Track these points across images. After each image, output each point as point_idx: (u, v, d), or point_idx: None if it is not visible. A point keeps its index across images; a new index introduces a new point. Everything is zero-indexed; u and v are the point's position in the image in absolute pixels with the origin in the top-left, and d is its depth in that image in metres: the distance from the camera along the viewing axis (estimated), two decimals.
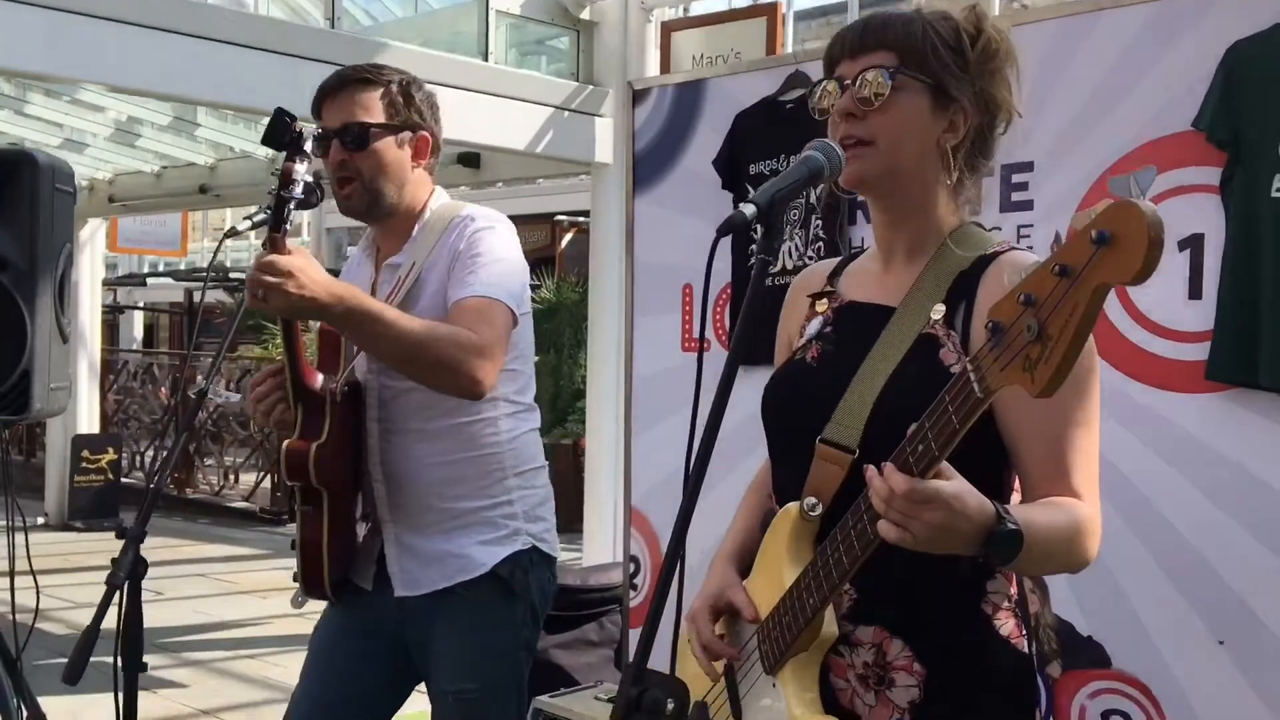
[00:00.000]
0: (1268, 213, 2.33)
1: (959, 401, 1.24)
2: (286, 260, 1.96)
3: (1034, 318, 1.13)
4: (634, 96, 3.51)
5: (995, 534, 1.29)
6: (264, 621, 6.94)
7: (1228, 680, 2.40)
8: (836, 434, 1.49)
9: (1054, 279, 1.11)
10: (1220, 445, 2.42)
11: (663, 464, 3.43)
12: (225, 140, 8.46)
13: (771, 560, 1.55)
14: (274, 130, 2.04)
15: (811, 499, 1.50)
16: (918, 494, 1.26)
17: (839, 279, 1.69)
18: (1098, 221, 1.08)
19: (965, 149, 1.55)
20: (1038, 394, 1.15)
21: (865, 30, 1.54)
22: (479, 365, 2.09)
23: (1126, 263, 1.06)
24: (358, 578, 2.34)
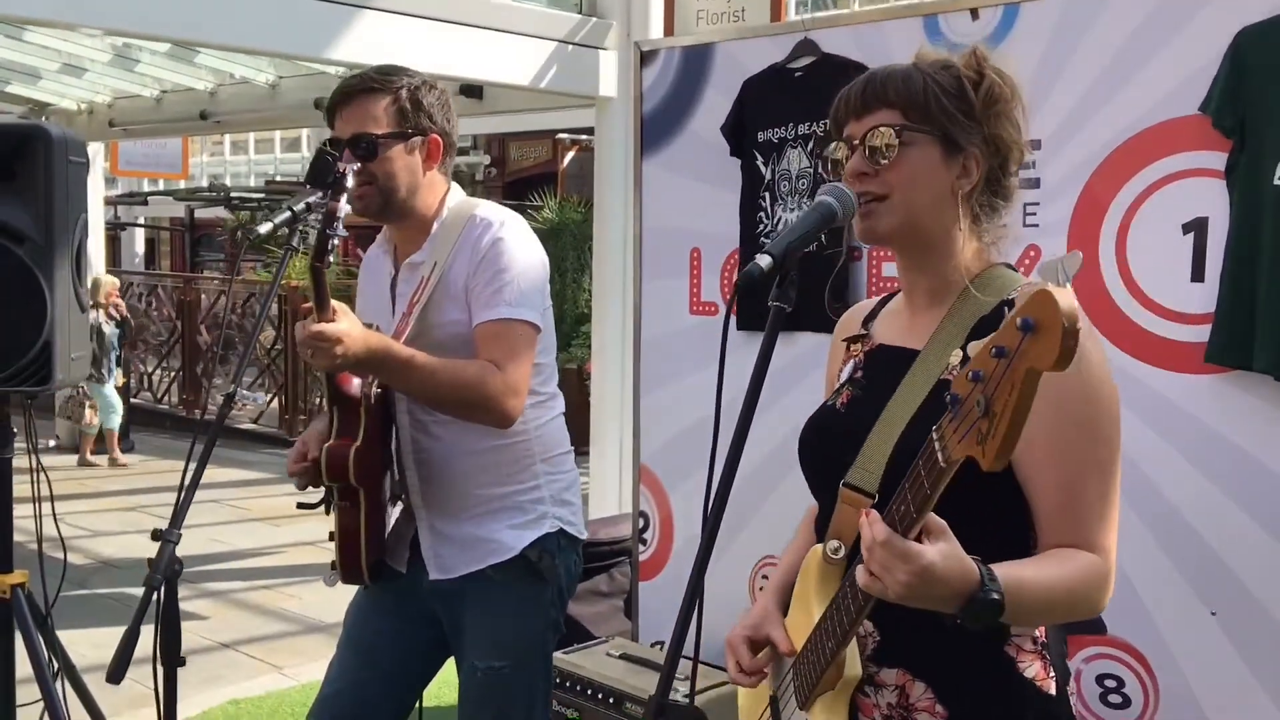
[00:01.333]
0: (1270, 200, 2.36)
1: (929, 469, 1.28)
2: (333, 329, 2.05)
3: (982, 394, 1.17)
4: (641, 58, 3.50)
5: (974, 600, 1.30)
6: (278, 550, 7.10)
7: (1219, 649, 2.50)
8: (858, 478, 1.53)
9: (993, 360, 1.16)
10: (1217, 425, 2.49)
11: (671, 423, 3.51)
12: (225, 66, 8.38)
13: (803, 598, 1.62)
14: (317, 169, 2.10)
15: (835, 542, 1.54)
16: (893, 547, 1.28)
17: (873, 322, 1.73)
18: (1023, 309, 1.12)
19: (980, 193, 1.56)
20: (988, 468, 1.18)
21: (867, 89, 1.55)
22: (506, 403, 2.21)
23: (1048, 350, 1.10)
24: (393, 560, 2.44)
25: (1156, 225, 2.56)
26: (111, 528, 7.58)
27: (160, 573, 1.92)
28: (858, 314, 1.79)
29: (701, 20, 5.93)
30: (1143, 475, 2.54)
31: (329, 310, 2.07)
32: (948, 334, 1.55)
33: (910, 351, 1.58)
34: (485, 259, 2.25)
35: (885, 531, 1.29)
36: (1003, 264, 1.61)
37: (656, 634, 3.57)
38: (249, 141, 19.12)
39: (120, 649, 1.86)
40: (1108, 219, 2.63)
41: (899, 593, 1.30)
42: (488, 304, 2.24)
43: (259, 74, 8.44)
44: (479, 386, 2.19)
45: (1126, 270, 2.61)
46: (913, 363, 1.56)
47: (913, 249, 1.59)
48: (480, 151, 17.59)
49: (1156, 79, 2.54)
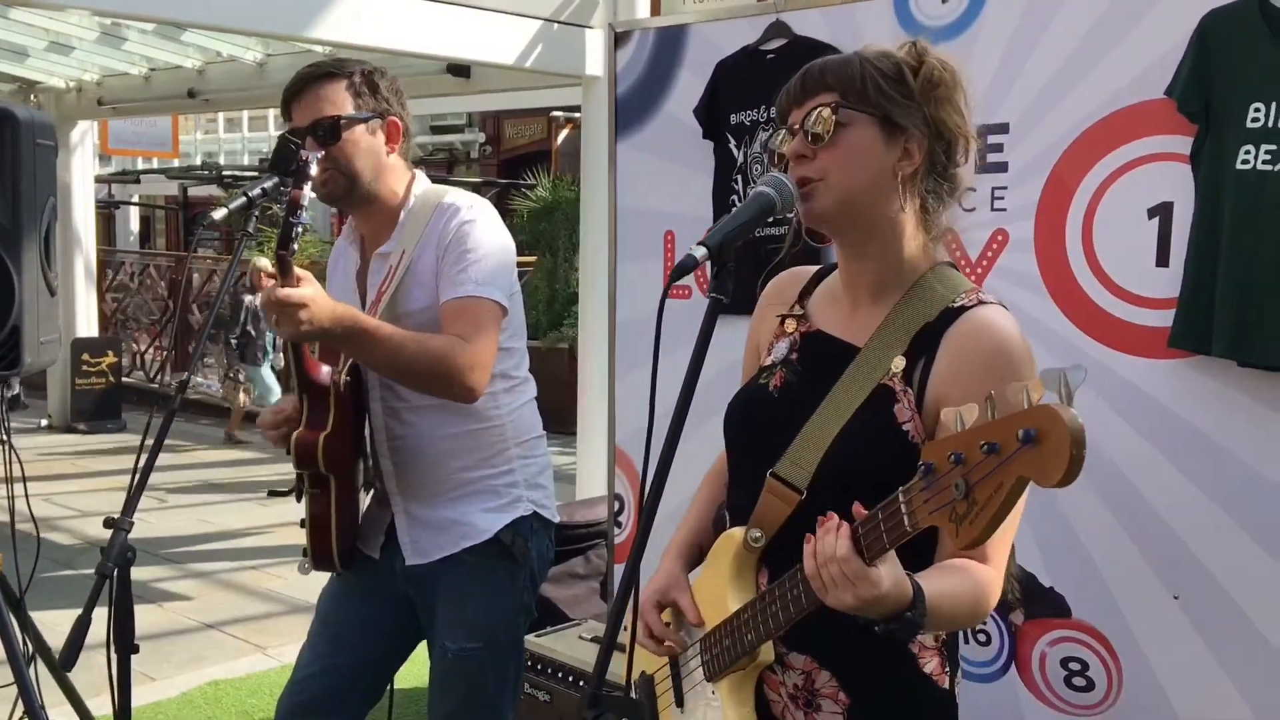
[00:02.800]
0: (1231, 184, 2.35)
1: (890, 525, 1.30)
2: (298, 293, 2.04)
3: (963, 478, 1.18)
4: (616, 39, 3.49)
5: (899, 618, 1.34)
6: (265, 530, 7.11)
7: (1181, 633, 2.51)
8: (787, 471, 1.54)
9: (982, 454, 1.15)
10: (1181, 410, 2.49)
11: (645, 406, 3.50)
12: (212, 44, 8.35)
13: (715, 579, 1.63)
14: (280, 157, 2.09)
15: (756, 531, 1.57)
16: (851, 568, 1.31)
17: (809, 299, 1.71)
18: (1026, 418, 1.11)
19: (923, 176, 1.55)
20: (961, 547, 1.23)
21: (805, 77, 1.56)
22: (471, 375, 2.20)
23: (1049, 467, 1.09)
24: (366, 547, 2.45)
25: (1122, 210, 2.55)
26: (100, 508, 7.56)
27: (112, 560, 1.92)
28: (790, 285, 1.76)
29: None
30: (1107, 460, 2.55)
31: (293, 278, 2.06)
32: (890, 336, 1.55)
33: (850, 347, 1.58)
34: (453, 240, 2.26)
35: (848, 549, 1.32)
36: (946, 263, 1.61)
37: None
38: (243, 119, 19.06)
39: (71, 635, 1.87)
40: (1074, 203, 2.62)
41: (838, 606, 1.34)
42: (454, 281, 2.24)
43: (246, 52, 8.42)
44: (445, 358, 2.17)
45: (1092, 255, 2.61)
46: (851, 359, 1.56)
47: (853, 234, 1.58)
48: (475, 129, 17.54)
49: (1123, 63, 2.53)
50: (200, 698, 4.42)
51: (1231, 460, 2.43)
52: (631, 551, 1.45)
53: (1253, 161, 2.31)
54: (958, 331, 1.50)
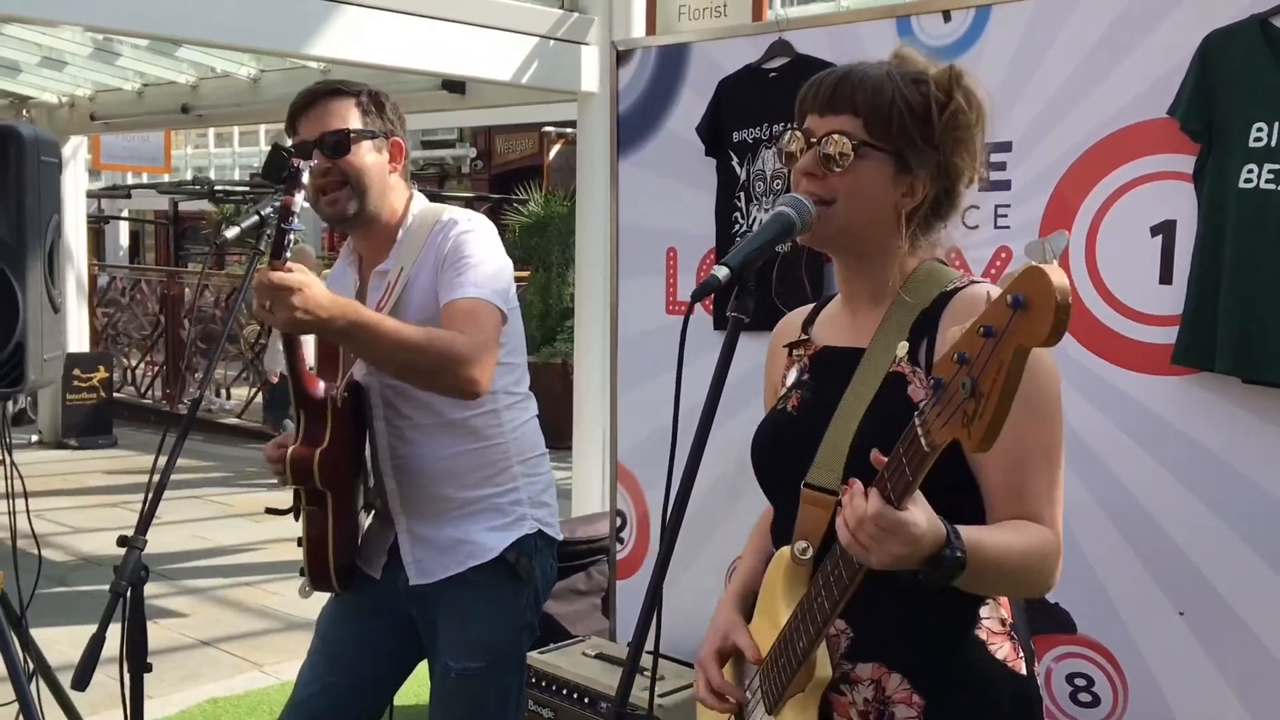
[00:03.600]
0: (1234, 203, 2.38)
1: (911, 454, 1.29)
2: (294, 277, 2.02)
3: (968, 375, 1.18)
4: (618, 57, 3.50)
5: (939, 558, 1.33)
6: (260, 546, 7.08)
7: (1186, 648, 2.52)
8: (819, 477, 1.55)
9: (980, 339, 1.16)
10: (1184, 426, 2.51)
11: (647, 422, 3.52)
12: (206, 60, 8.35)
13: (770, 602, 1.63)
14: (272, 165, 2.09)
15: (802, 543, 1.56)
16: (886, 519, 1.30)
17: (813, 327, 1.74)
18: (1013, 286, 1.14)
19: (921, 213, 1.57)
20: (974, 449, 1.19)
21: (837, 88, 1.55)
22: (474, 367, 2.16)
23: (1038, 327, 1.11)
24: (367, 566, 2.44)
25: (1125, 227, 2.58)
26: (93, 524, 7.55)
27: (126, 578, 1.92)
28: (794, 319, 1.79)
29: (683, 16, 5.92)
30: (1111, 476, 2.56)
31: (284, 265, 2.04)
32: (891, 329, 1.57)
33: (855, 350, 1.60)
34: (451, 249, 2.26)
35: (878, 502, 1.31)
36: (933, 259, 1.63)
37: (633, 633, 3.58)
38: (233, 134, 19.05)
39: (85, 655, 1.86)
40: (1077, 221, 2.64)
41: (886, 562, 1.32)
42: (452, 285, 2.23)
43: (240, 68, 8.41)
44: (449, 349, 2.14)
45: (1096, 272, 2.63)
46: (859, 361, 1.58)
47: (849, 256, 1.62)
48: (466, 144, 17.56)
49: (1125, 82, 2.56)
50: (200, 715, 4.40)
51: (1235, 476, 2.45)
52: (656, 566, 1.45)
53: (1256, 181, 2.34)
54: (954, 307, 1.53)
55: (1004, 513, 1.49)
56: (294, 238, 2.05)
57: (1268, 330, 2.31)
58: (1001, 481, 1.49)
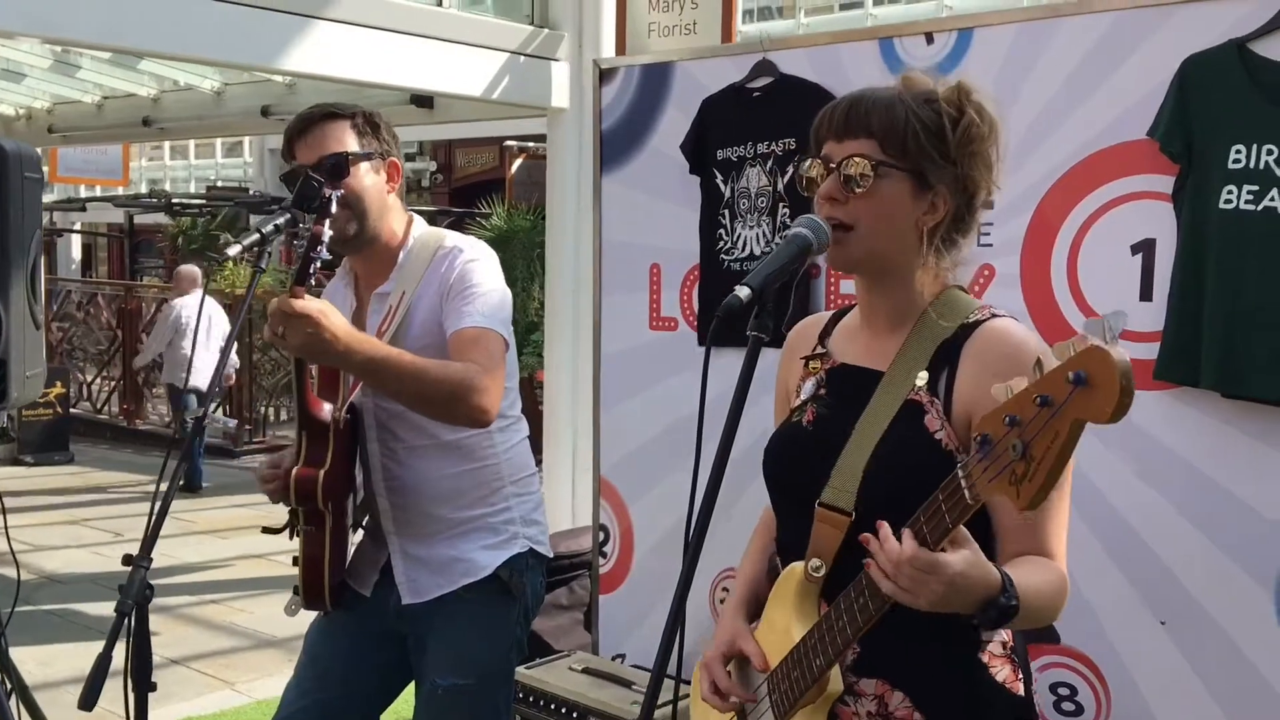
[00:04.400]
0: (1215, 223, 2.44)
1: (951, 503, 1.34)
2: (313, 304, 2.04)
3: (1019, 438, 1.22)
4: (600, 76, 3.53)
5: (994, 604, 1.38)
6: (226, 564, 7.02)
7: (1168, 658, 2.58)
8: (833, 497, 1.59)
9: (1035, 407, 1.20)
10: (1166, 440, 2.56)
11: (630, 437, 3.54)
12: (169, 73, 8.29)
13: (779, 614, 1.66)
14: (303, 195, 2.10)
15: (816, 560, 1.60)
16: (921, 561, 1.35)
17: (829, 339, 1.77)
18: (1075, 362, 1.17)
19: (944, 229, 1.62)
20: (1023, 508, 1.24)
21: (851, 113, 1.59)
22: (486, 397, 2.20)
23: (1101, 406, 1.15)
24: (358, 585, 2.45)
25: (1106, 246, 2.63)
26: (54, 541, 7.46)
27: (131, 598, 1.91)
28: (810, 330, 1.82)
29: (653, 33, 5.96)
30: (1094, 488, 2.61)
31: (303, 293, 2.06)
32: (911, 356, 1.61)
33: (874, 373, 1.64)
34: (458, 278, 2.29)
35: (912, 545, 1.35)
36: (955, 286, 1.67)
37: (617, 647, 3.60)
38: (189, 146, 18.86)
39: (92, 675, 1.85)
40: (1059, 239, 2.70)
41: (929, 599, 1.36)
42: (461, 314, 2.26)
43: (204, 80, 8.35)
44: (463, 377, 2.17)
45: (1078, 289, 2.69)
46: (877, 384, 1.62)
47: (874, 275, 1.65)
48: (426, 158, 17.51)
49: (1106, 104, 2.62)
50: None
51: (1215, 488, 2.50)
52: (677, 589, 1.47)
53: (1235, 201, 2.40)
54: (976, 342, 1.57)
55: (1018, 545, 1.55)
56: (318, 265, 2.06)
57: (1251, 347, 2.38)
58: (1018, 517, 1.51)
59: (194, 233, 16.19)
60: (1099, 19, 2.64)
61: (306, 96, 7.98)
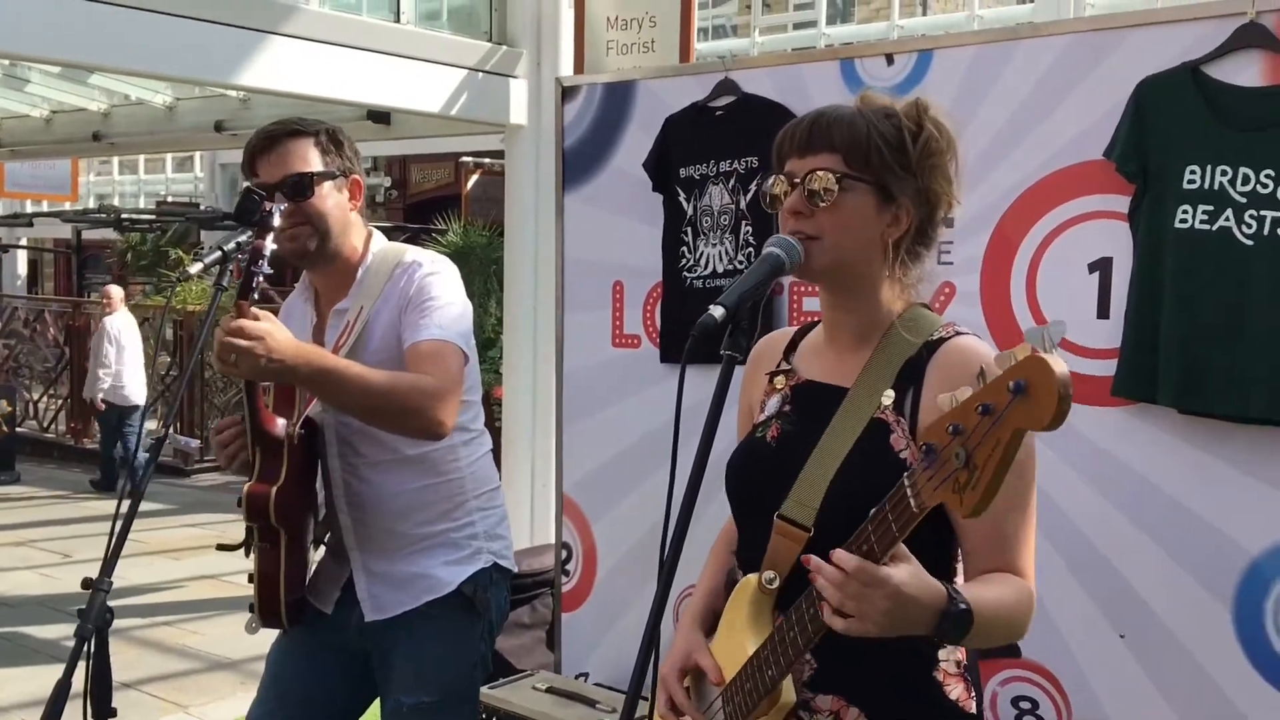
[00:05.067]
0: (1171, 242, 2.49)
1: (898, 512, 1.35)
2: (256, 325, 2.00)
3: (962, 447, 1.24)
4: (563, 93, 3.54)
5: (947, 614, 1.39)
6: (178, 585, 6.91)
7: (1128, 671, 2.61)
8: (794, 511, 1.59)
9: (978, 416, 1.22)
10: (1124, 456, 2.60)
11: (594, 454, 3.54)
12: (119, 87, 8.19)
13: (734, 627, 1.66)
14: (244, 208, 2.08)
15: (770, 573, 1.61)
16: (865, 574, 1.35)
17: (794, 355, 1.78)
18: (1015, 371, 1.19)
19: (908, 241, 1.64)
20: (966, 515, 1.26)
21: (813, 129, 1.61)
22: (440, 408, 2.17)
23: (1039, 414, 1.17)
24: (319, 602, 2.42)
25: (1064, 264, 2.68)
26: (1, 564, 7.30)
27: (91, 622, 1.87)
28: (775, 345, 1.83)
29: (612, 51, 5.98)
30: (1054, 504, 2.64)
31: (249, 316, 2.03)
32: (876, 374, 1.62)
33: (839, 389, 1.65)
34: (417, 290, 2.27)
35: (856, 561, 1.36)
36: (920, 304, 1.69)
37: (580, 665, 3.58)
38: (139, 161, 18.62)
39: (52, 701, 1.81)
40: (1018, 258, 2.74)
41: (879, 621, 1.37)
42: (418, 327, 2.24)
43: (155, 95, 8.26)
44: (414, 389, 2.15)
45: (1036, 306, 2.72)
46: (842, 400, 1.63)
47: (839, 289, 1.66)
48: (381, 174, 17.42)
49: (1063, 125, 2.66)
50: None
51: (1171, 503, 2.54)
52: (652, 610, 1.47)
53: (1190, 221, 2.45)
54: (940, 360, 1.59)
55: (985, 563, 1.56)
56: (260, 279, 2.04)
57: (1206, 363, 2.42)
58: (986, 533, 1.55)
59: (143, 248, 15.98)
60: (1056, 41, 2.69)
61: (260, 111, 7.92)
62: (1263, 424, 2.40)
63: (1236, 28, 2.42)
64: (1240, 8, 2.42)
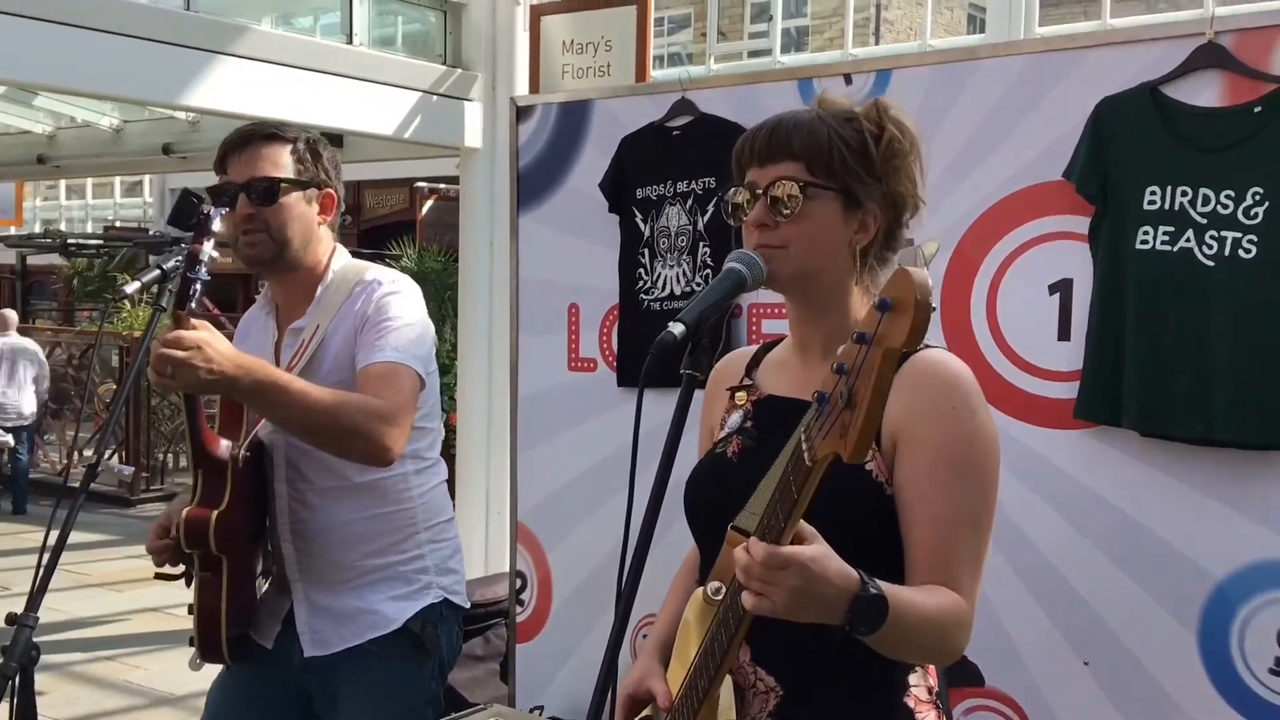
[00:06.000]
0: (1132, 263, 2.47)
1: (796, 473, 1.28)
2: (193, 335, 1.92)
3: (845, 385, 1.19)
4: (518, 113, 3.48)
5: (858, 598, 1.31)
6: (121, 618, 6.73)
7: (1092, 698, 2.57)
8: (744, 521, 1.52)
9: (856, 346, 1.19)
10: (1086, 479, 2.57)
11: (548, 480, 3.46)
12: (65, 109, 8.05)
13: (684, 645, 1.61)
14: (180, 211, 2.01)
15: (715, 583, 1.53)
16: (774, 559, 1.27)
17: (757, 371, 1.73)
18: (884, 290, 1.17)
19: (876, 247, 1.60)
20: (849, 458, 1.20)
21: (772, 137, 1.57)
22: (387, 433, 2.09)
23: (902, 325, 1.14)
24: (259, 636, 2.32)
25: (1024, 286, 2.65)
26: None
27: (15, 660, 1.78)
28: (737, 362, 1.77)
29: (568, 75, 5.95)
30: (1016, 528, 2.61)
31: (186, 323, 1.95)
32: None
33: (803, 403, 1.58)
34: (374, 311, 2.19)
35: (762, 549, 1.29)
36: None
37: (535, 698, 3.49)
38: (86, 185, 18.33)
39: None
40: (978, 279, 2.71)
41: (786, 599, 1.28)
42: (372, 347, 2.16)
43: (101, 118, 8.13)
44: (361, 413, 2.07)
45: (997, 329, 2.69)
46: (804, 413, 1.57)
47: (807, 299, 1.61)
48: None
49: (1022, 145, 2.64)
50: None
51: (1135, 527, 2.51)
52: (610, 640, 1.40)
53: (1151, 242, 2.43)
54: (908, 371, 1.53)
55: (925, 576, 1.49)
56: (198, 286, 1.95)
57: (1169, 386, 2.40)
58: (928, 543, 1.49)
59: (90, 274, 15.69)
60: (1014, 61, 2.67)
61: (210, 134, 7.81)
62: (1226, 446, 2.38)
63: (1195, 48, 2.41)
64: (1198, 29, 2.41)
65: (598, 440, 3.31)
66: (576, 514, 3.38)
